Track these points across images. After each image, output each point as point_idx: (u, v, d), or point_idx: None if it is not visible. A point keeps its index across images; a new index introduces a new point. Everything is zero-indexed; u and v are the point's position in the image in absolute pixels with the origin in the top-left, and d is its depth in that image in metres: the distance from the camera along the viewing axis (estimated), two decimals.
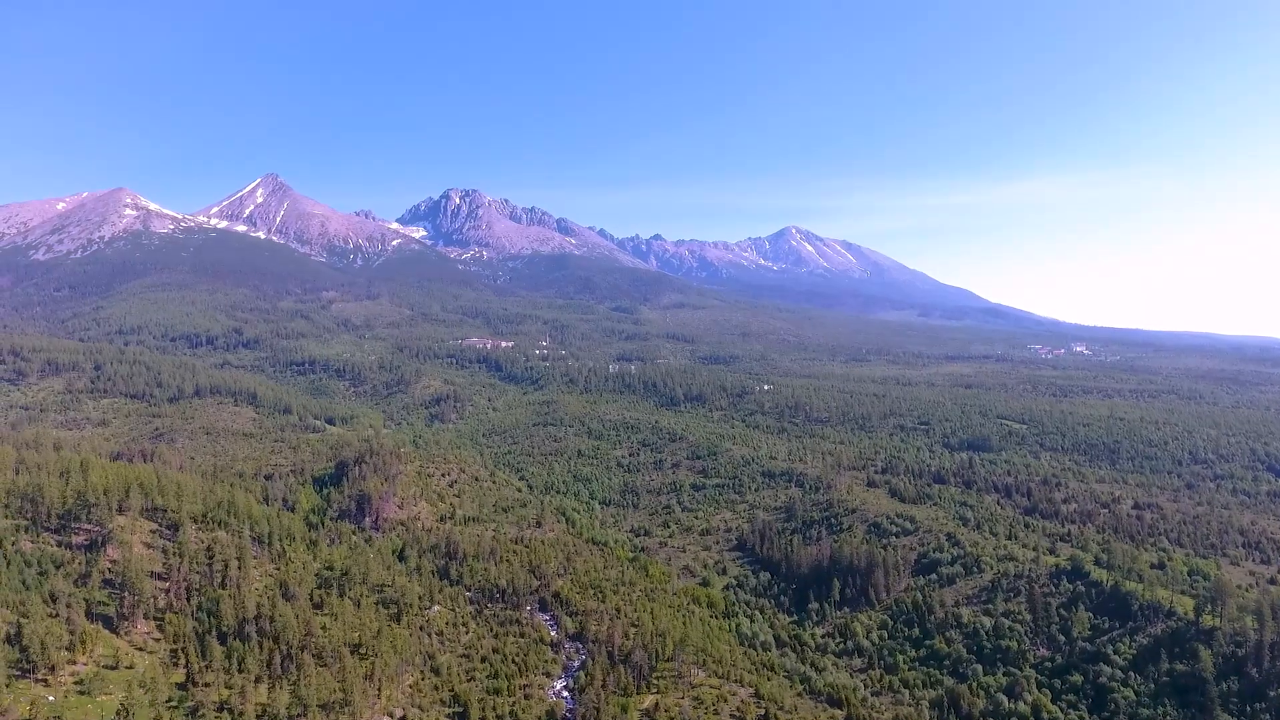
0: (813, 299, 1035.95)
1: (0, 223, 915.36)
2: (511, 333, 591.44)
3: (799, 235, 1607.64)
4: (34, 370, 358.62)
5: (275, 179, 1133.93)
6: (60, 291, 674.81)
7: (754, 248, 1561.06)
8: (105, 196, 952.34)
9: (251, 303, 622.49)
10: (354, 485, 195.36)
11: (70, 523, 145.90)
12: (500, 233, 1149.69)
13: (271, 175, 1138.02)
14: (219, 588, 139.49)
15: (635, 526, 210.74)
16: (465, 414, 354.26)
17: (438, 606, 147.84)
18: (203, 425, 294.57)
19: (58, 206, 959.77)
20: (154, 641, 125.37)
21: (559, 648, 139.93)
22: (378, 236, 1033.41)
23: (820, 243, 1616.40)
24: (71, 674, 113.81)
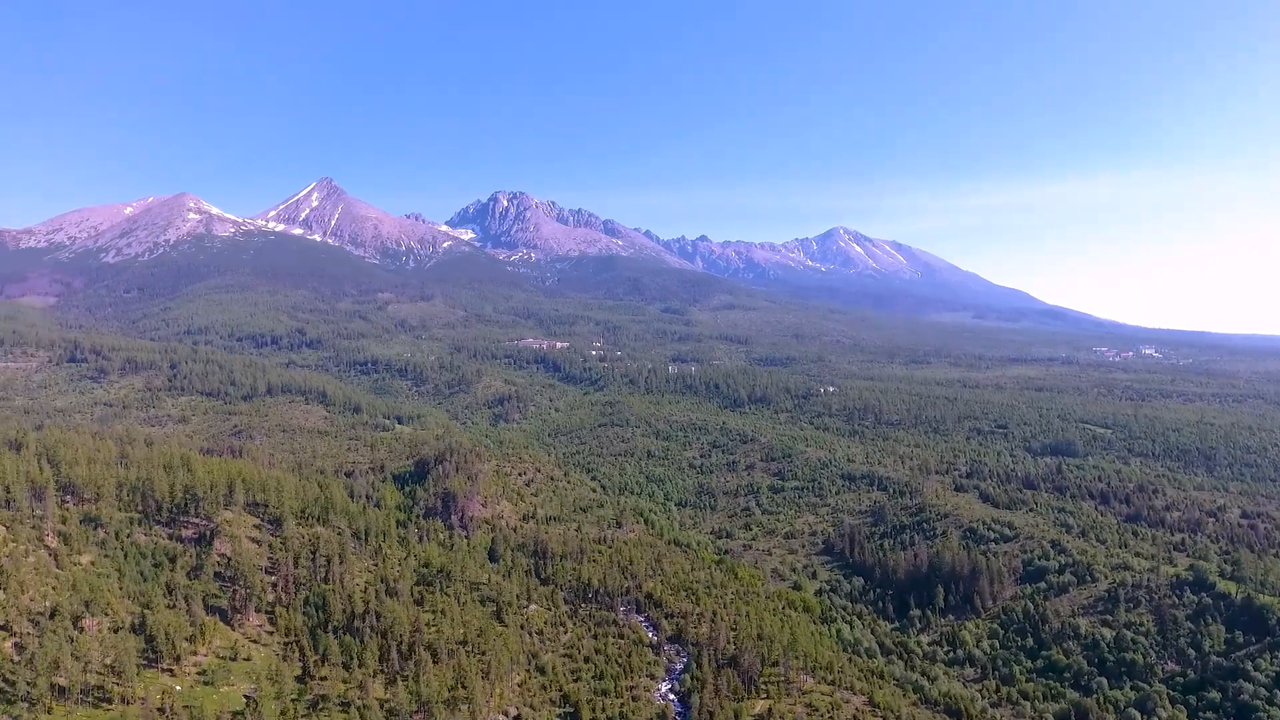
0: (863, 300, 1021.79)
1: (73, 227, 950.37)
2: (564, 333, 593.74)
3: (847, 236, 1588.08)
4: (115, 368, 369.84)
5: (330, 183, 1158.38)
6: (130, 293, 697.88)
7: (801, 249, 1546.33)
8: (170, 201, 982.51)
9: (311, 304, 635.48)
10: (438, 483, 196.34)
11: (179, 516, 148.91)
12: (548, 234, 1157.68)
13: (326, 179, 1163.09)
14: (323, 583, 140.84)
15: (715, 528, 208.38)
16: (528, 414, 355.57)
17: (534, 605, 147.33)
18: (278, 423, 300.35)
19: (125, 211, 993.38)
20: (267, 635, 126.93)
21: (659, 650, 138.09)
22: (429, 239, 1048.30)
23: (869, 243, 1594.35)
24: (194, 664, 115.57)
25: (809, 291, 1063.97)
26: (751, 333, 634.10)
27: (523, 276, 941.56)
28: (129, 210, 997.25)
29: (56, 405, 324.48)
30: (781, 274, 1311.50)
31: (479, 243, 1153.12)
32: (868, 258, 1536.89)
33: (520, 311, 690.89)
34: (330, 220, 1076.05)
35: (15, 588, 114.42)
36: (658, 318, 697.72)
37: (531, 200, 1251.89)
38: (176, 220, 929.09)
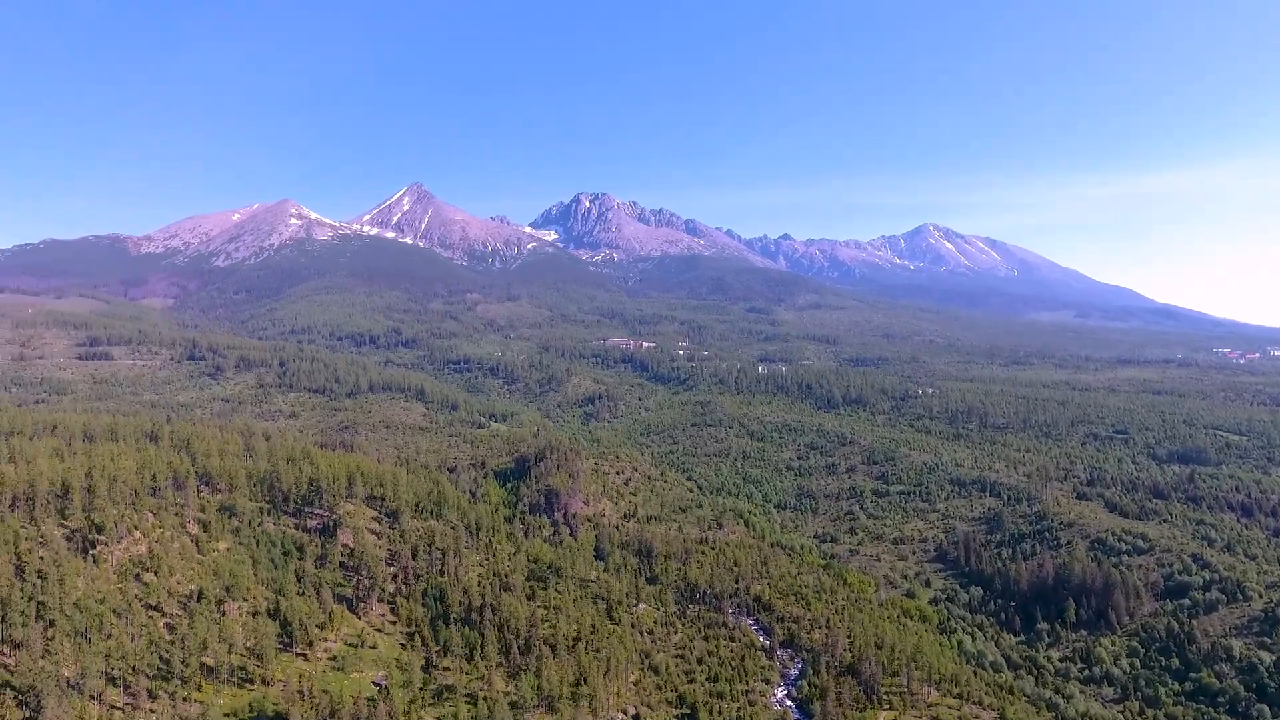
0: (955, 299, 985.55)
1: (187, 233, 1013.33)
2: (650, 333, 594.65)
3: (937, 233, 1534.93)
4: (230, 366, 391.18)
5: (420, 188, 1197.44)
6: (239, 295, 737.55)
7: (888, 246, 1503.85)
8: (273, 208, 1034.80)
9: (404, 304, 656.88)
10: (540, 481, 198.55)
11: (304, 507, 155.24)
12: (629, 235, 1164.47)
13: (416, 184, 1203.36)
14: (439, 575, 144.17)
15: (819, 532, 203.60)
16: (618, 413, 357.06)
17: (643, 605, 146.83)
18: (381, 419, 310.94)
19: (233, 218, 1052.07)
20: (390, 624, 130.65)
21: (772, 654, 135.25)
22: (514, 240, 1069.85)
23: (961, 240, 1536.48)
24: (325, 650, 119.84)
25: (897, 290, 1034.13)
26: (839, 332, 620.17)
27: (605, 277, 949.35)
28: (236, 217, 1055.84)
29: (180, 400, 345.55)
30: (868, 272, 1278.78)
31: (562, 243, 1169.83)
32: (959, 255, 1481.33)
33: (604, 311, 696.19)
34: (420, 224, 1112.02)
35: (165, 571, 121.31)
36: (742, 317, 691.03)
37: (613, 201, 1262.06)
38: (279, 225, 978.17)
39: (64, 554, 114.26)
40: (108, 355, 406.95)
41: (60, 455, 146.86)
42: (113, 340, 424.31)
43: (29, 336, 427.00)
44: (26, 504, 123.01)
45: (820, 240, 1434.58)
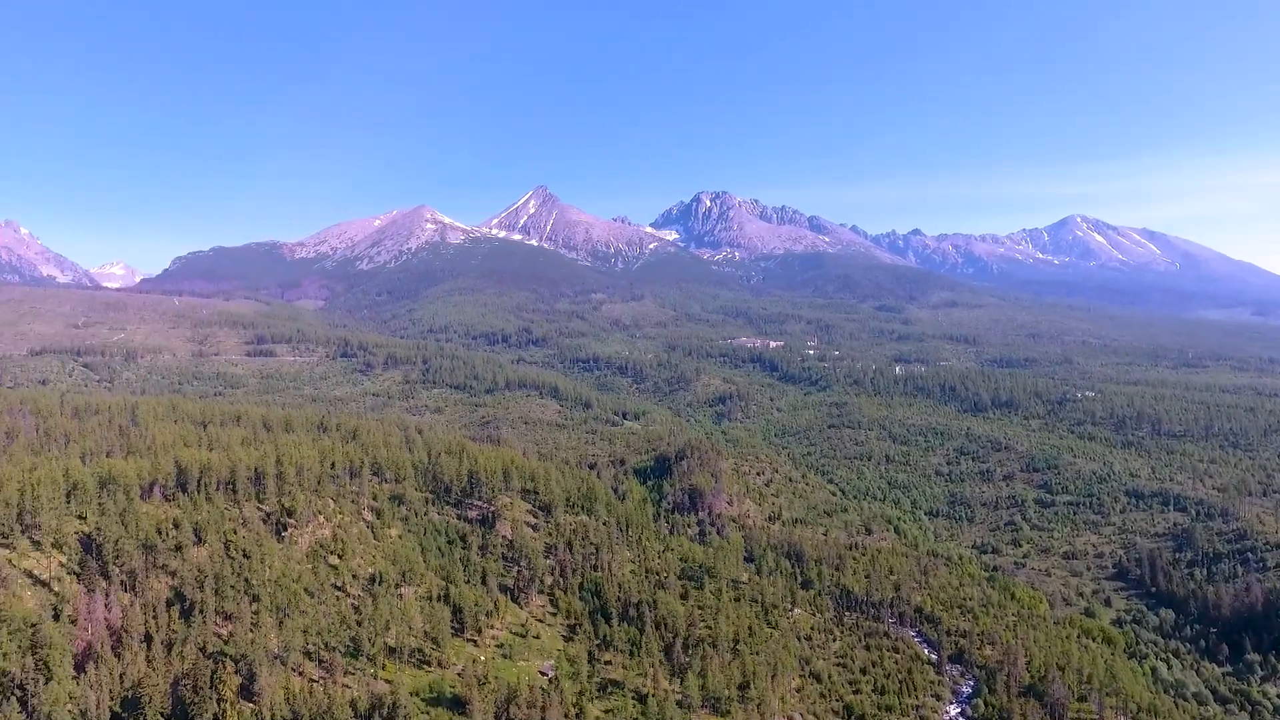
0: (1107, 296, 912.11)
1: (334, 239, 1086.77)
2: (776, 332, 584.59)
3: (1085, 224, 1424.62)
4: (379, 363, 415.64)
5: (544, 191, 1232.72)
6: (380, 296, 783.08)
7: (1029, 240, 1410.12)
8: (411, 213, 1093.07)
9: (533, 304, 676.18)
10: (682, 480, 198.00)
11: (464, 498, 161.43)
12: (751, 233, 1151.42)
13: (541, 188, 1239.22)
14: (593, 570, 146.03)
15: (977, 542, 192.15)
16: (750, 413, 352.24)
17: (799, 610, 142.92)
18: (519, 415, 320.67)
19: (375, 223, 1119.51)
20: (550, 616, 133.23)
21: (940, 668, 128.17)
22: (635, 241, 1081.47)
23: (1113, 232, 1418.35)
24: (492, 638, 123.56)
25: (1040, 287, 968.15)
26: (979, 332, 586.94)
27: (728, 276, 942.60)
28: (377, 222, 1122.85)
29: (335, 394, 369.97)
30: (1007, 268, 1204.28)
31: (683, 243, 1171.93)
32: (1111, 248, 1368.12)
33: (729, 310, 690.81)
34: (545, 226, 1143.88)
35: (348, 554, 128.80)
36: (872, 316, 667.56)
37: (734, 199, 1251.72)
38: (416, 230, 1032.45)
39: (263, 535, 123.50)
40: (272, 353, 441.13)
41: (249, 444, 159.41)
42: (275, 339, 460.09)
43: (206, 335, 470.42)
44: (228, 488, 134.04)
45: (953, 235, 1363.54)
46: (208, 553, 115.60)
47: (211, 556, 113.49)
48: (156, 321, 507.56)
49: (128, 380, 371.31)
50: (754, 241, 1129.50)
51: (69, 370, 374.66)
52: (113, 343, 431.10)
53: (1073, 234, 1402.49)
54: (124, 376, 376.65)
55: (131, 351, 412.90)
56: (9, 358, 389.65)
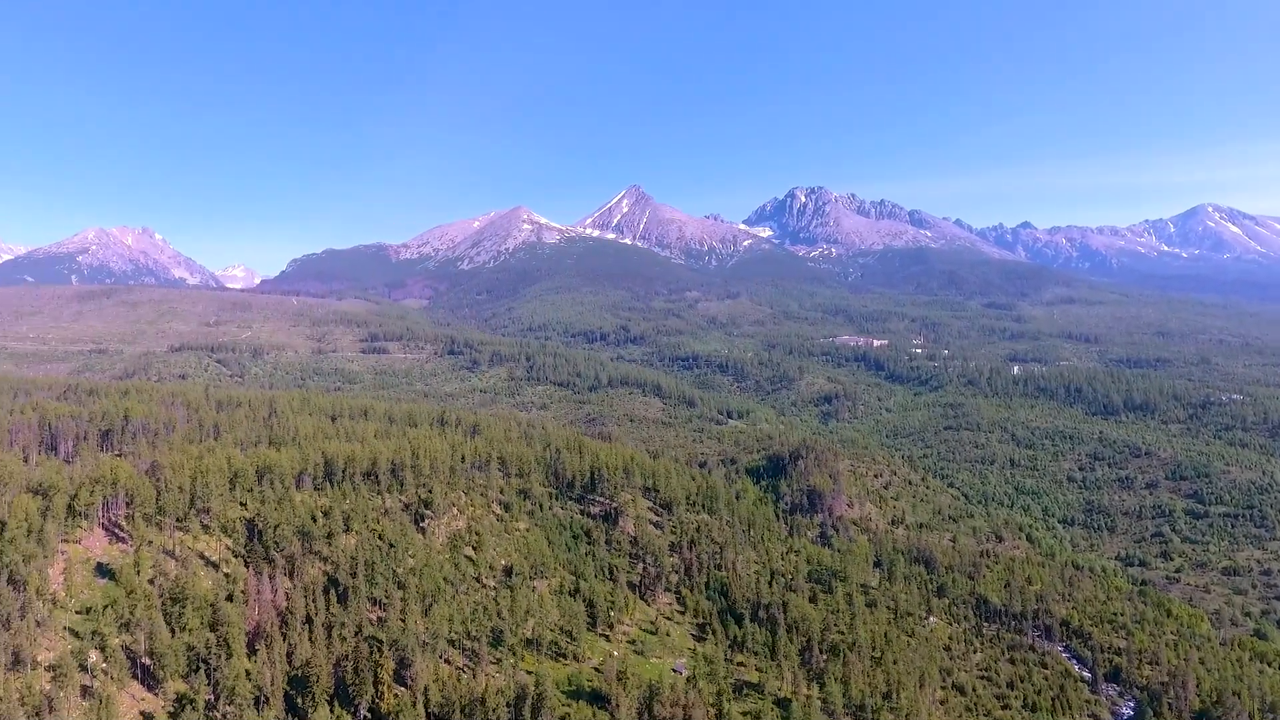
0: (1245, 291, 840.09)
1: (436, 240, 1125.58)
2: (879, 330, 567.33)
3: (1218, 214, 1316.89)
4: (485, 360, 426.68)
5: (638, 190, 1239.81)
6: (481, 295, 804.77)
7: (1152, 231, 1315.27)
8: (508, 214, 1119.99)
9: (628, 303, 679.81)
10: (800, 480, 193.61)
11: (586, 494, 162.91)
12: (848, 229, 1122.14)
13: (635, 187, 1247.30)
14: (716, 569, 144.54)
15: (1121, 554, 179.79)
16: (857, 413, 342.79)
17: (934, 618, 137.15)
18: (625, 412, 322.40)
19: (473, 225, 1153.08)
20: (678, 614, 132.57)
21: (1096, 688, 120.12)
22: (729, 238, 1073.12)
23: (1249, 222, 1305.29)
24: (623, 633, 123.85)
25: (1167, 281, 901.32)
26: (1100, 330, 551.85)
27: (824, 272, 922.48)
28: (476, 224, 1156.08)
29: (445, 390, 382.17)
30: (1128, 262, 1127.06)
31: (777, 239, 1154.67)
32: (1248, 239, 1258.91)
33: (827, 308, 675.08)
34: (639, 224, 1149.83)
35: (483, 546, 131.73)
36: (981, 313, 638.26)
37: (830, 194, 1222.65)
38: (513, 231, 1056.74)
39: (405, 525, 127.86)
40: (384, 350, 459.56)
41: (382, 436, 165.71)
42: (387, 337, 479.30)
43: (323, 333, 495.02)
44: (368, 478, 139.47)
45: (1067, 228, 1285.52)
46: (355, 540, 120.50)
47: (359, 544, 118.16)
48: (279, 320, 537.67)
49: (256, 375, 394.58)
50: (851, 237, 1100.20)
51: (204, 365, 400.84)
52: (241, 340, 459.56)
53: (1203, 224, 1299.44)
54: (252, 371, 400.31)
55: (258, 348, 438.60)
56: (153, 354, 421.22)
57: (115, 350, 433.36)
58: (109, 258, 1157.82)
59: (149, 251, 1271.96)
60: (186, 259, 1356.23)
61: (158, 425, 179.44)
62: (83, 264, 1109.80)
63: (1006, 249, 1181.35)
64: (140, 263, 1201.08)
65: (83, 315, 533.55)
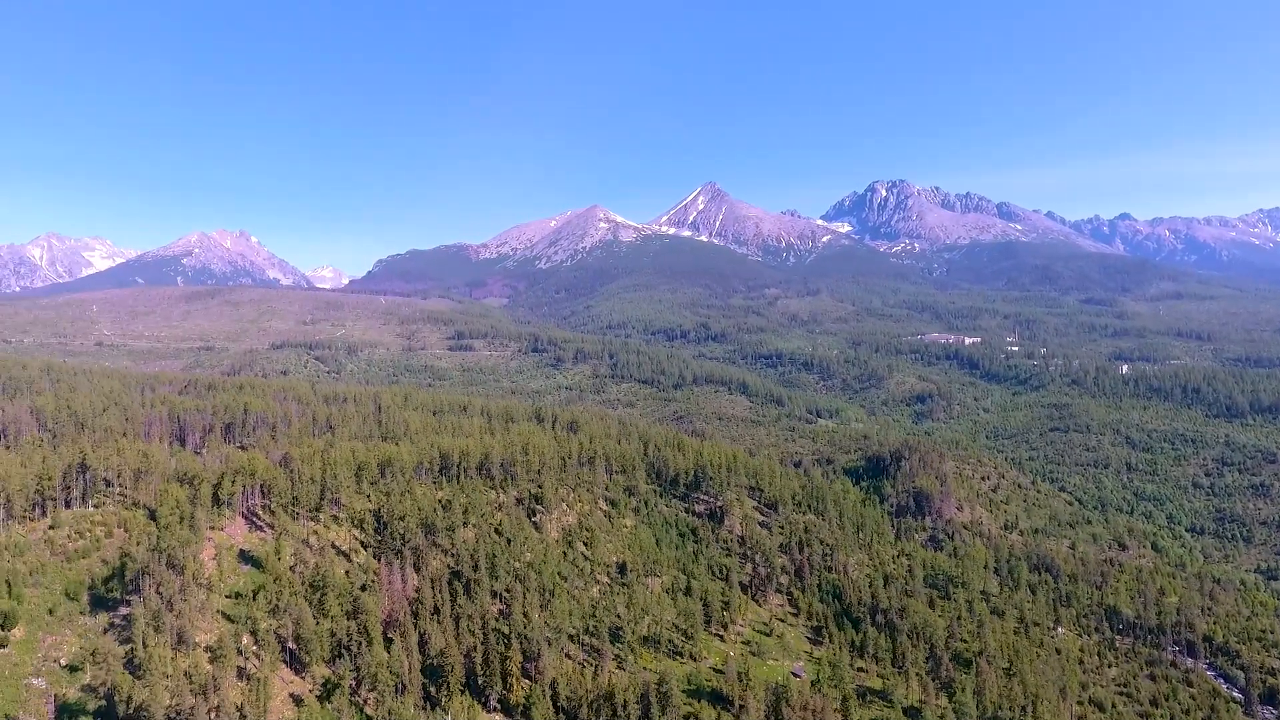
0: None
1: (514, 240, 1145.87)
2: (969, 328, 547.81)
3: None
4: (568, 357, 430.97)
5: (713, 187, 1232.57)
6: (559, 294, 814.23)
7: (1267, 221, 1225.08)
8: (584, 213, 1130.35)
9: (706, 300, 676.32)
10: (905, 481, 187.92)
11: (690, 492, 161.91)
12: (932, 223, 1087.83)
13: (710, 184, 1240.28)
14: (826, 570, 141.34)
15: (1261, 566, 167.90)
16: (953, 413, 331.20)
17: (1063, 629, 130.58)
18: (712, 410, 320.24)
19: (550, 224, 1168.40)
20: (791, 615, 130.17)
21: (1250, 709, 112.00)
22: (807, 234, 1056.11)
23: None
24: (737, 634, 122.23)
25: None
26: (1213, 327, 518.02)
27: (907, 268, 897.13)
28: (553, 223, 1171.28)
29: (532, 387, 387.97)
30: (1240, 254, 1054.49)
31: (856, 235, 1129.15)
32: None
33: (912, 304, 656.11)
34: (715, 221, 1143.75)
35: (594, 542, 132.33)
36: (1079, 310, 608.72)
37: (912, 188, 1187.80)
38: (589, 230, 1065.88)
39: (522, 520, 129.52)
40: (470, 347, 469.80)
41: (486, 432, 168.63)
42: (472, 334, 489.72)
43: (412, 331, 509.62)
44: (481, 473, 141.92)
45: (1170, 219, 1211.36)
46: (473, 534, 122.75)
47: (478, 538, 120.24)
48: (369, 319, 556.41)
49: (351, 371, 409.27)
50: (935, 232, 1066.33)
51: (304, 362, 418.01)
52: (336, 338, 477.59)
53: None
54: (348, 368, 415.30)
55: (352, 346, 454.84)
56: (256, 351, 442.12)
57: (221, 348, 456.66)
58: (210, 260, 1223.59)
59: (245, 254, 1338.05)
60: (280, 260, 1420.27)
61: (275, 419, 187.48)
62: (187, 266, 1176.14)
63: (1103, 242, 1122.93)
64: (238, 264, 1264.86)
65: (190, 315, 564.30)
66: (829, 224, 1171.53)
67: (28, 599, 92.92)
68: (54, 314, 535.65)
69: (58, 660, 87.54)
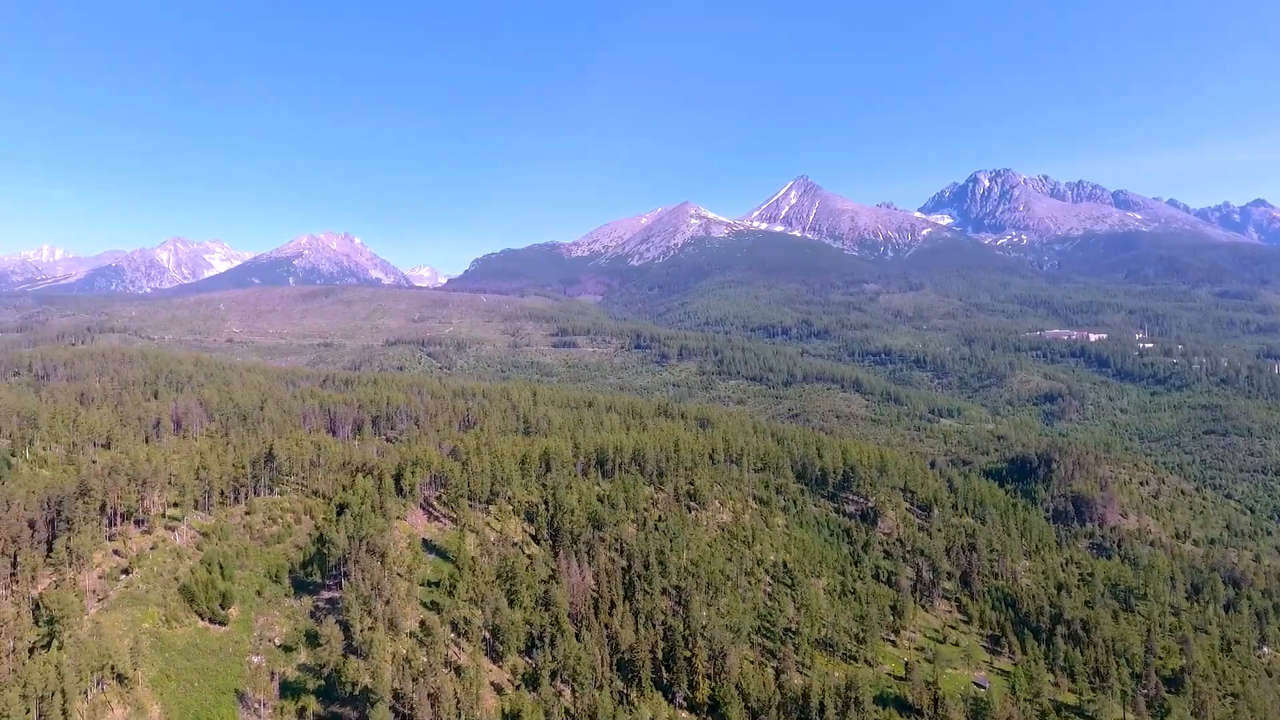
0: None
1: (605, 238, 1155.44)
2: (1090, 323, 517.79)
3: None
4: (673, 354, 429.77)
5: (806, 180, 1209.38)
6: (652, 291, 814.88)
7: None
8: (675, 210, 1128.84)
9: (804, 296, 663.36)
10: (1060, 485, 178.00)
11: (839, 492, 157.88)
12: (1041, 213, 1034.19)
13: (802, 177, 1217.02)
14: (993, 576, 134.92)
15: None
16: (1088, 414, 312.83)
17: (1268, 648, 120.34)
18: (829, 408, 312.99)
19: (641, 221, 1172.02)
20: (961, 623, 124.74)
21: None
22: (906, 227, 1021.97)
23: None
24: (909, 640, 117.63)
25: None
26: None
27: (1015, 261, 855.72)
28: (644, 220, 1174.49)
29: (638, 384, 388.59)
30: None
31: (958, 227, 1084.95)
32: None
33: (1024, 299, 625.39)
34: (808, 216, 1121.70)
35: (752, 541, 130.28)
36: (1213, 304, 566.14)
37: (1018, 177, 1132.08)
38: (681, 226, 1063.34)
39: (685, 517, 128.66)
40: (573, 344, 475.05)
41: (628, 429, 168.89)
42: (574, 331, 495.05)
43: (516, 328, 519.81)
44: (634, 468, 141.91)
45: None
46: (634, 529, 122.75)
47: (648, 534, 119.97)
48: (473, 316, 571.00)
49: (461, 367, 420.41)
50: (1044, 222, 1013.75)
51: (417, 358, 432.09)
52: (444, 335, 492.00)
53: None
54: (458, 364, 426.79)
55: (460, 342, 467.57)
56: (371, 347, 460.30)
57: (338, 344, 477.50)
58: (318, 261, 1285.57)
59: (350, 254, 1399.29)
60: (381, 260, 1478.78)
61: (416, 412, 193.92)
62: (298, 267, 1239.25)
63: (1235, 230, 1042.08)
64: (344, 264, 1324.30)
65: (308, 313, 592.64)
66: (928, 216, 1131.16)
67: (238, 580, 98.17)
68: (188, 313, 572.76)
69: (272, 640, 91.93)
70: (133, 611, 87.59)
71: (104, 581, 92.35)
